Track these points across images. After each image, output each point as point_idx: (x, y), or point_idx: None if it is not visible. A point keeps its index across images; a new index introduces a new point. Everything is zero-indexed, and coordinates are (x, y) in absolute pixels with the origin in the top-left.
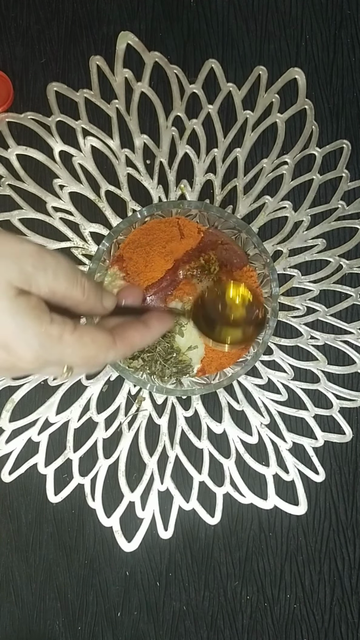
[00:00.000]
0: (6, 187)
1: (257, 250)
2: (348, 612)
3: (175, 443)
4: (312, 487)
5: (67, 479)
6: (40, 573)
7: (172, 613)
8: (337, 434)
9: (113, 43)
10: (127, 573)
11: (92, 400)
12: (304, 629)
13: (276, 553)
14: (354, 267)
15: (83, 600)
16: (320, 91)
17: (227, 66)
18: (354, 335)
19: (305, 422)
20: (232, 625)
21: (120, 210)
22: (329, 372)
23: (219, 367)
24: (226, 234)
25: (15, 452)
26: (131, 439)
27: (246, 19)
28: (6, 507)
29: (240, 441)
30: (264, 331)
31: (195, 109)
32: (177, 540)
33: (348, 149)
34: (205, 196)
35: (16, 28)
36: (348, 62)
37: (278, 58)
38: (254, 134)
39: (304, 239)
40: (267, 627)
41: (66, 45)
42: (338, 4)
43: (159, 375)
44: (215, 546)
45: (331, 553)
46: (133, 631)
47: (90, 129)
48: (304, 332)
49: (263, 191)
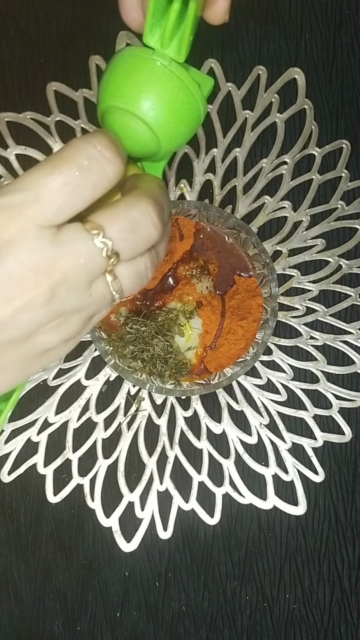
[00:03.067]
0: None
1: (256, 250)
2: (347, 613)
3: (175, 443)
4: (312, 487)
5: (67, 479)
6: (39, 573)
7: (172, 613)
8: (337, 434)
9: (112, 42)
10: (126, 573)
11: (91, 400)
12: (303, 629)
13: (275, 553)
14: (354, 267)
15: (82, 600)
16: (320, 91)
17: (227, 66)
18: (354, 336)
19: (304, 423)
20: (232, 625)
21: None
22: (328, 372)
23: (219, 367)
24: (225, 233)
25: (14, 452)
26: (130, 439)
27: (246, 19)
28: (5, 508)
29: (239, 441)
30: (264, 331)
31: None
32: (176, 540)
33: (347, 149)
34: (205, 196)
35: (15, 28)
36: (348, 62)
37: (277, 58)
38: (253, 133)
39: (304, 239)
40: (267, 628)
41: (65, 45)
42: (338, 4)
43: (159, 376)
44: (214, 546)
45: (331, 553)
46: (132, 631)
47: (89, 128)
48: (304, 332)
49: (262, 191)
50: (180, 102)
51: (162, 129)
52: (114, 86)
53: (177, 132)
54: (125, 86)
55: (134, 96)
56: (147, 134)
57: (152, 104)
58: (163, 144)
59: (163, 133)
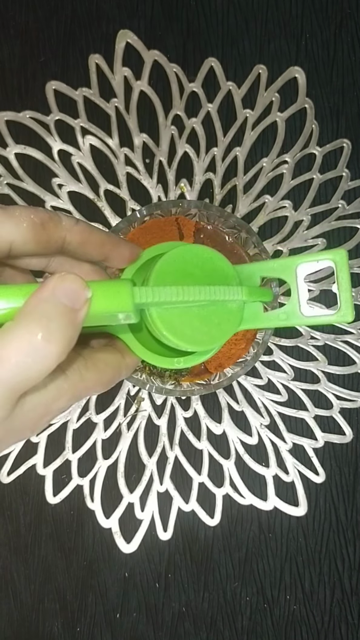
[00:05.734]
0: (5, 186)
1: (257, 250)
2: (348, 613)
3: (175, 444)
4: (312, 488)
5: (66, 480)
6: (39, 574)
7: (172, 614)
8: (338, 434)
9: (112, 41)
10: (126, 574)
11: (91, 400)
12: (303, 630)
13: (276, 554)
14: (354, 267)
15: (82, 601)
16: (321, 90)
17: (227, 65)
18: (355, 336)
19: (305, 423)
20: (232, 626)
21: (120, 210)
22: (329, 372)
23: (219, 368)
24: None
25: (13, 453)
26: (130, 440)
27: (246, 18)
28: (4, 508)
29: (240, 442)
30: (265, 331)
31: (194, 107)
32: (176, 541)
33: (348, 148)
34: (205, 195)
35: (15, 27)
36: (348, 61)
37: (278, 57)
38: (253, 133)
39: (304, 238)
40: (267, 628)
41: (65, 44)
42: (338, 3)
43: (159, 376)
44: (214, 547)
45: (331, 554)
46: (132, 632)
47: (89, 127)
48: (304, 332)
49: (263, 190)
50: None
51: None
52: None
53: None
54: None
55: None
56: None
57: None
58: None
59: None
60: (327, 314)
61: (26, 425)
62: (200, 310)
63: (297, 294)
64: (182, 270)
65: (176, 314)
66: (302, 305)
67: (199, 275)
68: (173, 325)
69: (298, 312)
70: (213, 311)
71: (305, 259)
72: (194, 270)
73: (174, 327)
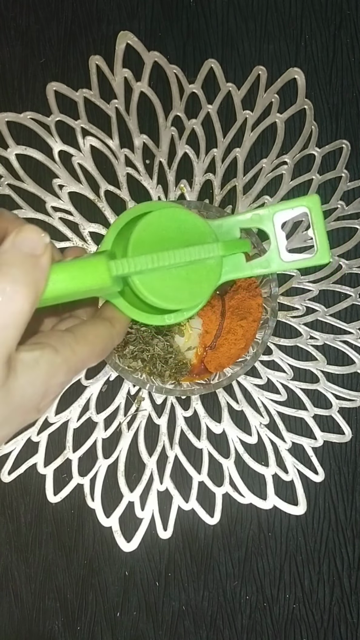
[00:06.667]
0: (5, 186)
1: (256, 250)
2: (347, 612)
3: (175, 443)
4: (312, 487)
5: (67, 479)
6: (40, 573)
7: (172, 613)
8: (337, 434)
9: (112, 43)
10: (126, 573)
11: (91, 400)
12: (303, 629)
13: (275, 553)
14: (354, 267)
15: (82, 600)
16: (320, 91)
17: (227, 66)
18: (354, 335)
19: (304, 422)
20: (232, 625)
21: (120, 210)
22: (328, 372)
23: (219, 367)
24: None
25: (14, 452)
26: (130, 439)
27: (246, 19)
28: (5, 507)
29: (239, 441)
30: (264, 331)
31: (194, 108)
32: (176, 540)
33: (347, 149)
34: (205, 196)
35: (15, 28)
36: (347, 62)
37: (277, 58)
38: (253, 134)
39: (304, 239)
40: (267, 627)
41: (65, 45)
42: (338, 4)
43: (159, 375)
44: (214, 546)
45: (330, 553)
46: (132, 631)
47: (89, 128)
48: (304, 332)
49: (262, 191)
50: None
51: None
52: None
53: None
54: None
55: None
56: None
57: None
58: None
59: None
60: (306, 257)
61: (30, 402)
62: (180, 271)
63: (276, 241)
64: (159, 235)
65: (157, 277)
66: (282, 252)
67: (176, 237)
68: (155, 288)
69: (278, 258)
70: (193, 269)
71: (281, 207)
72: (171, 234)
73: (156, 289)
